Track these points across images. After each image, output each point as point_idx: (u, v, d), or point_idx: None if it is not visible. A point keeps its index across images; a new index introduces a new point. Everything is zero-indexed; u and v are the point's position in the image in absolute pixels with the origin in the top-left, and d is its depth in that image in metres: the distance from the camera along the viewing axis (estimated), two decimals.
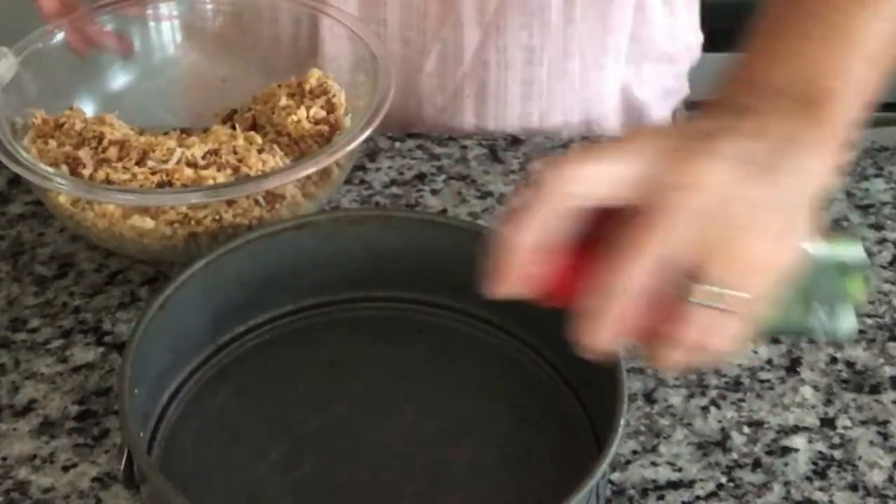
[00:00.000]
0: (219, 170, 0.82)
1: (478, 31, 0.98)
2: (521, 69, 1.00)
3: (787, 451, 0.76)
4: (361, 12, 0.97)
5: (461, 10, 0.97)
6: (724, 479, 0.75)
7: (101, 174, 0.82)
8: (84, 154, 0.83)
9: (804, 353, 0.83)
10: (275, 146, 0.87)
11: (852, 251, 0.63)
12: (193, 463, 0.72)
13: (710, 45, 1.09)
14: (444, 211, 0.93)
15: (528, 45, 0.98)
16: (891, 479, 0.75)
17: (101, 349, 0.82)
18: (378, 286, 0.80)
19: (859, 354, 0.83)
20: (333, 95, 0.91)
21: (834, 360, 0.82)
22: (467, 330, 0.80)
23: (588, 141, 1.01)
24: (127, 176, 0.81)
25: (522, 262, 0.58)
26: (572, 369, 0.76)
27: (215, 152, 0.84)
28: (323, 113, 0.90)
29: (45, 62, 0.90)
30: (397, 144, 0.99)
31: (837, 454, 0.76)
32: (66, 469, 0.75)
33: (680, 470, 0.76)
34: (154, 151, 0.83)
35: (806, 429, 0.78)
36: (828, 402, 0.80)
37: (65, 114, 0.88)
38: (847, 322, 0.61)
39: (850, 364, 0.82)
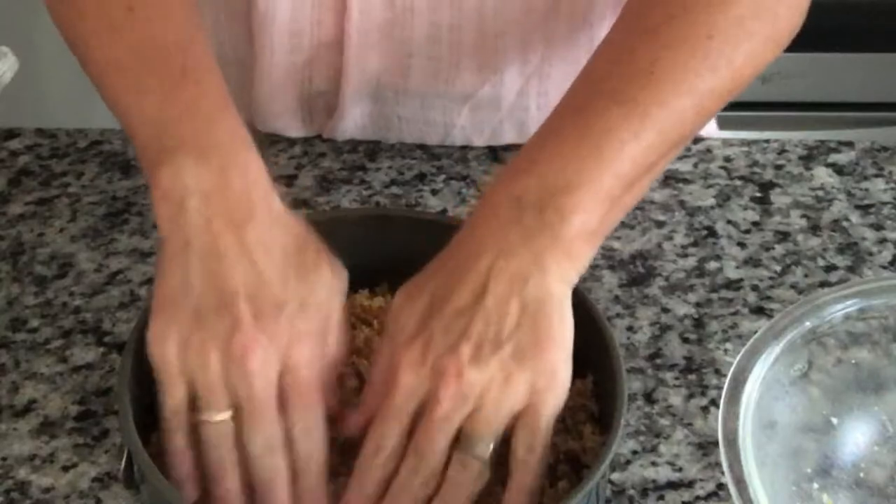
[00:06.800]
0: None
1: (518, 81, 0.94)
2: None
3: None
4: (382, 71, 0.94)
5: (502, 69, 0.93)
6: (724, 479, 0.74)
7: None
8: None
9: None
10: None
11: None
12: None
13: None
14: (444, 211, 0.93)
15: None
16: (891, 478, 0.75)
17: (101, 349, 0.82)
18: (376, 283, 0.80)
19: (864, 356, 0.82)
20: None
21: (839, 360, 0.82)
22: None
23: None
24: None
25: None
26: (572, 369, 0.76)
27: None
28: None
29: None
30: (397, 144, 0.99)
31: (838, 454, 0.76)
32: (66, 469, 0.75)
33: (680, 470, 0.76)
34: None
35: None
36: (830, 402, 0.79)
37: None
38: None
39: (854, 364, 0.82)
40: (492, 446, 0.65)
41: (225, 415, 0.65)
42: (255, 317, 0.65)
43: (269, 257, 0.67)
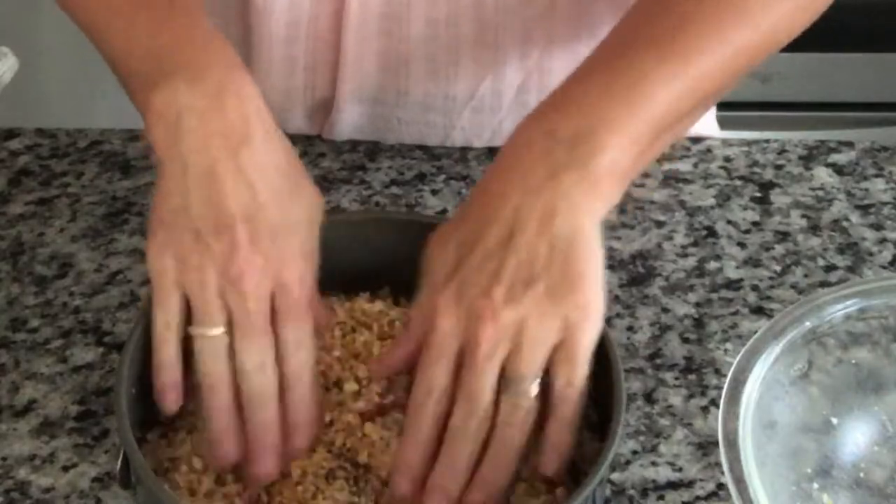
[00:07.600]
0: None
1: (519, 76, 0.94)
2: None
3: None
4: (381, 78, 0.94)
5: (502, 64, 0.93)
6: (724, 479, 0.74)
7: None
8: None
9: None
10: None
11: None
12: None
13: None
14: (444, 211, 0.93)
15: None
16: (891, 478, 0.75)
17: (101, 349, 0.82)
18: (378, 286, 0.80)
19: (864, 356, 0.82)
20: None
21: (839, 360, 0.82)
22: None
23: None
24: None
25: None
26: None
27: None
28: None
29: None
30: (397, 145, 0.99)
31: (838, 454, 0.76)
32: (66, 469, 0.75)
33: (680, 470, 0.76)
34: None
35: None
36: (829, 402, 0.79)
37: None
38: None
39: (854, 364, 0.82)
40: (537, 382, 0.66)
41: (219, 330, 0.68)
42: (251, 240, 0.67)
43: (265, 180, 0.69)
